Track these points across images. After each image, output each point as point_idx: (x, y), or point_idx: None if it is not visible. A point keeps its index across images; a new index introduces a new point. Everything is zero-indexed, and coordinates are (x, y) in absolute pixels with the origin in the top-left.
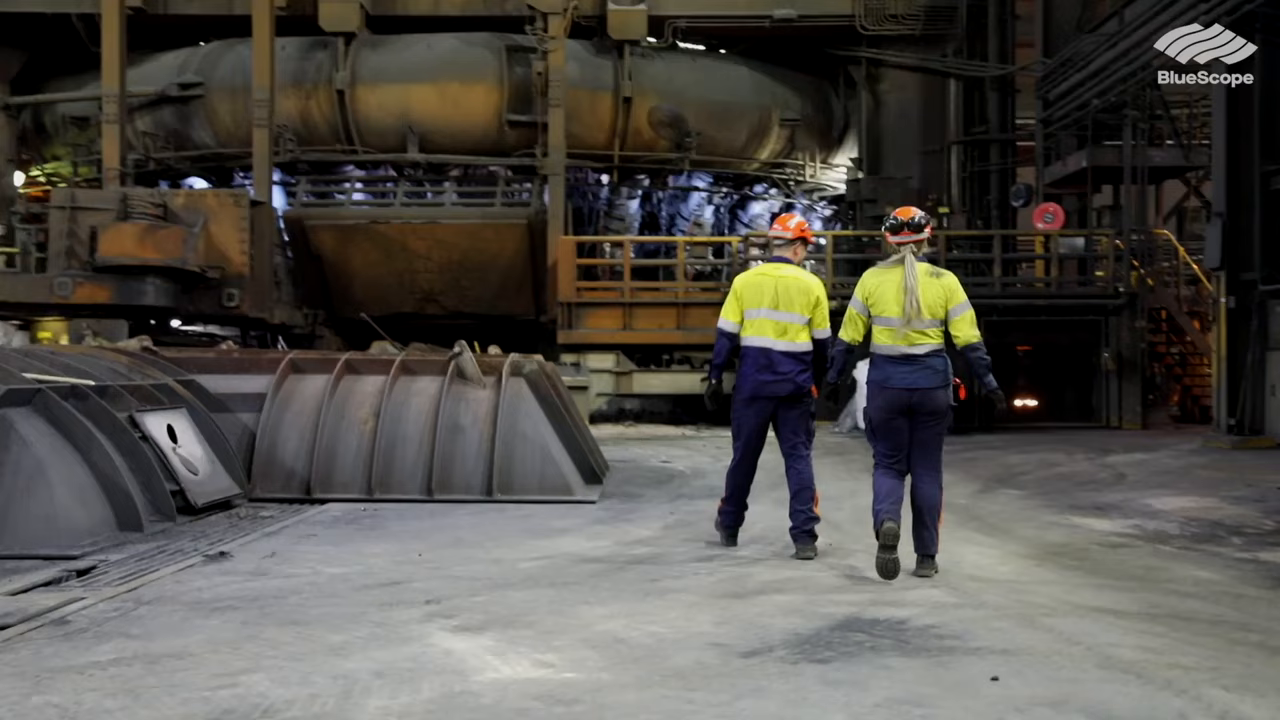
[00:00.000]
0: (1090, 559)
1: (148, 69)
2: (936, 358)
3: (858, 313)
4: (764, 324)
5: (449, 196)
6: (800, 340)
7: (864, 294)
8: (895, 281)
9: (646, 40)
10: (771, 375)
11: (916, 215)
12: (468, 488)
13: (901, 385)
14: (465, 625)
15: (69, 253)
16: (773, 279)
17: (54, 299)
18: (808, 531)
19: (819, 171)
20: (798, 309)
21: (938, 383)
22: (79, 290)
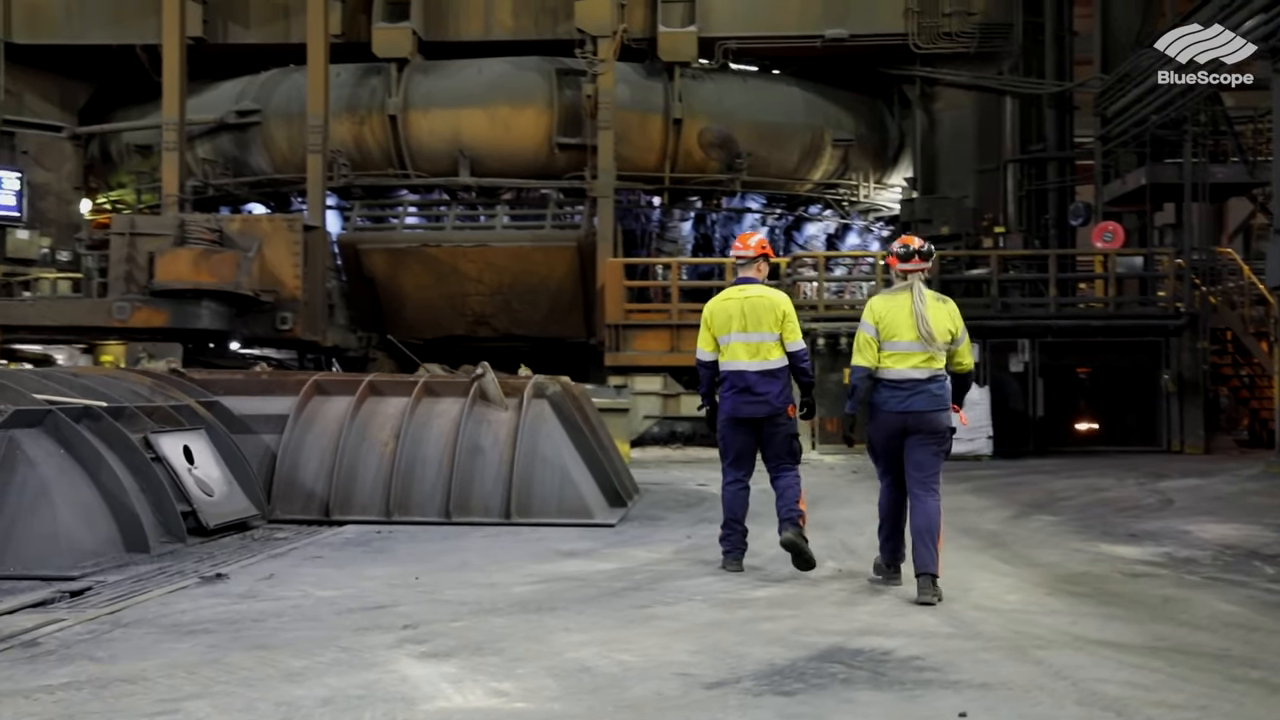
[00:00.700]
0: (1106, 588)
1: (208, 97)
2: (937, 382)
3: (870, 336)
4: (737, 348)
5: (500, 219)
6: (774, 358)
7: (874, 318)
8: (904, 307)
9: (697, 62)
10: (749, 397)
11: (923, 244)
12: (486, 510)
13: (896, 409)
14: (433, 651)
15: (128, 277)
16: (738, 301)
17: (113, 323)
18: (791, 520)
19: (873, 192)
20: (766, 327)
21: (934, 406)
22: (137, 314)
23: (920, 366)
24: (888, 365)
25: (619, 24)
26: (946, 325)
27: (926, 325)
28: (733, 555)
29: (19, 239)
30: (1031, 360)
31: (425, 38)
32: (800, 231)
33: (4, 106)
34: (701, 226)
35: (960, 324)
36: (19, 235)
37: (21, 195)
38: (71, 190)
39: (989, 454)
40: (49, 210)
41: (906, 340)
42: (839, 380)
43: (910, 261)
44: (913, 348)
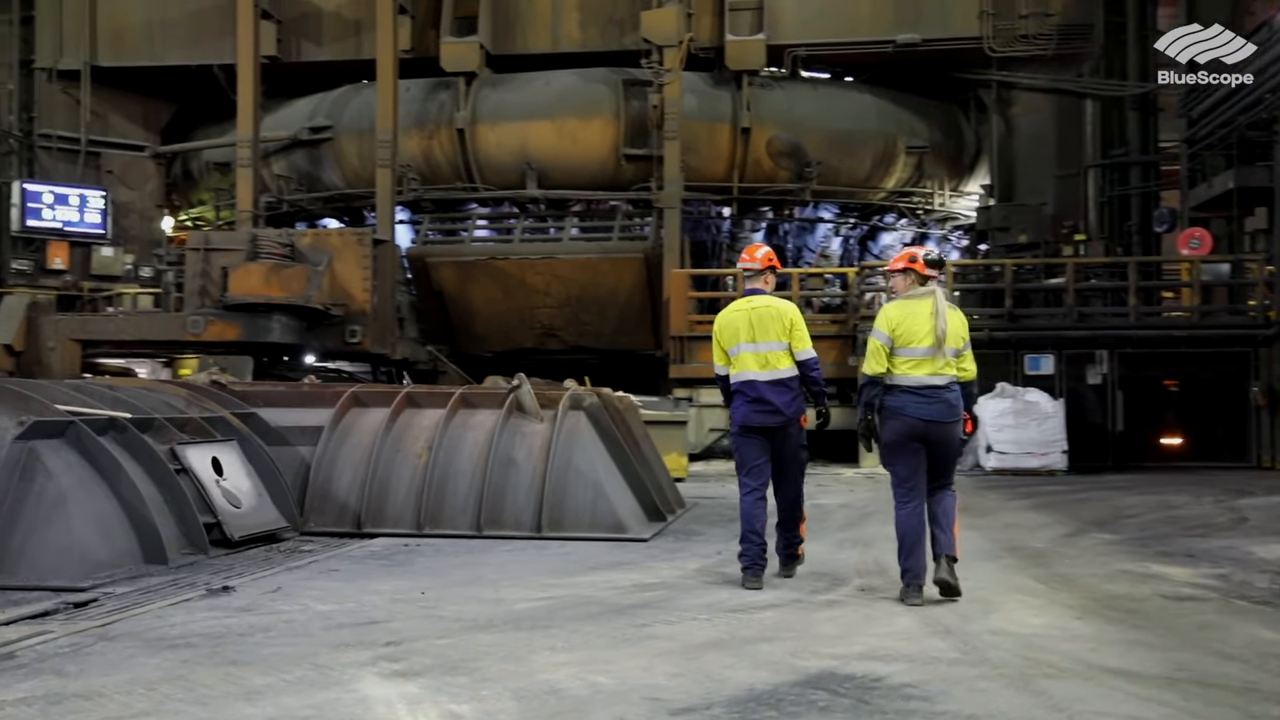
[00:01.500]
0: (1142, 613)
1: (283, 114)
2: (952, 392)
3: (882, 344)
4: (746, 359)
5: (568, 232)
6: (784, 367)
7: (889, 326)
8: (923, 312)
9: (765, 70)
10: (760, 407)
11: (940, 254)
12: (518, 524)
13: (917, 415)
14: (405, 670)
15: (202, 292)
16: (745, 312)
17: (187, 336)
18: (791, 554)
19: (949, 200)
20: (774, 336)
21: (951, 416)
22: (210, 328)
23: (938, 373)
24: (905, 371)
25: (685, 33)
26: (960, 333)
27: (944, 329)
28: (752, 571)
29: (104, 256)
30: (1110, 372)
31: (493, 51)
32: (875, 241)
33: (90, 127)
34: (774, 237)
35: (968, 333)
36: (104, 252)
37: (106, 214)
38: (154, 208)
39: (1063, 469)
40: (132, 228)
41: (925, 346)
42: None
43: (935, 268)
44: (929, 354)
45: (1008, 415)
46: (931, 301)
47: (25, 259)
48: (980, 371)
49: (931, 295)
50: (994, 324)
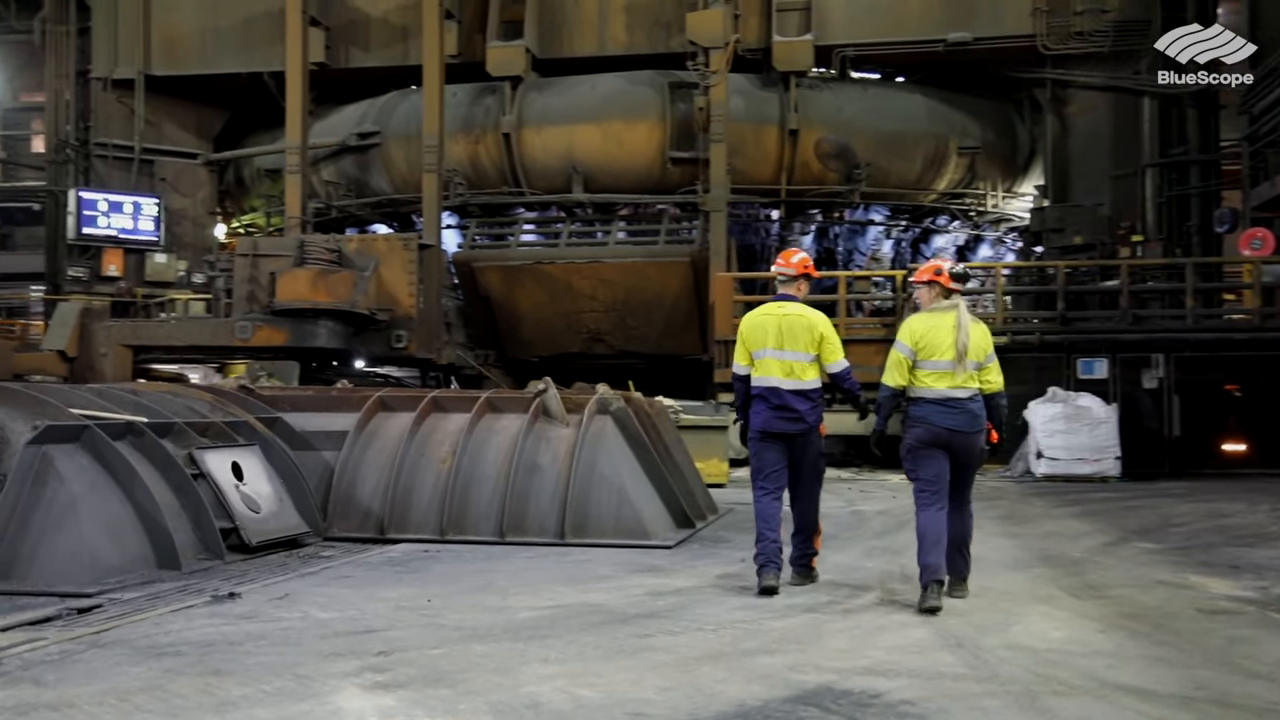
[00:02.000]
0: (1171, 626)
1: (333, 121)
2: (976, 402)
3: (905, 357)
4: (770, 364)
5: (615, 236)
6: (808, 378)
7: (912, 339)
8: (947, 325)
9: (813, 71)
10: (782, 413)
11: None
12: (541, 530)
13: (941, 425)
14: (388, 682)
15: (250, 297)
16: (775, 318)
17: (236, 342)
18: (804, 565)
19: (1002, 201)
20: (802, 347)
21: (975, 427)
22: (258, 333)
23: (961, 386)
24: (927, 384)
25: (732, 35)
26: (983, 345)
27: (965, 343)
28: (767, 570)
29: (157, 263)
30: (1166, 376)
31: (539, 55)
32: (928, 244)
33: (144, 135)
34: (824, 240)
35: (991, 344)
36: (157, 259)
37: (159, 221)
38: (206, 215)
39: (1116, 476)
40: (185, 234)
41: (946, 360)
42: None
43: (961, 282)
44: (951, 367)
45: (1059, 420)
46: (955, 315)
47: (81, 266)
48: (1031, 376)
49: (955, 309)
50: (1046, 327)
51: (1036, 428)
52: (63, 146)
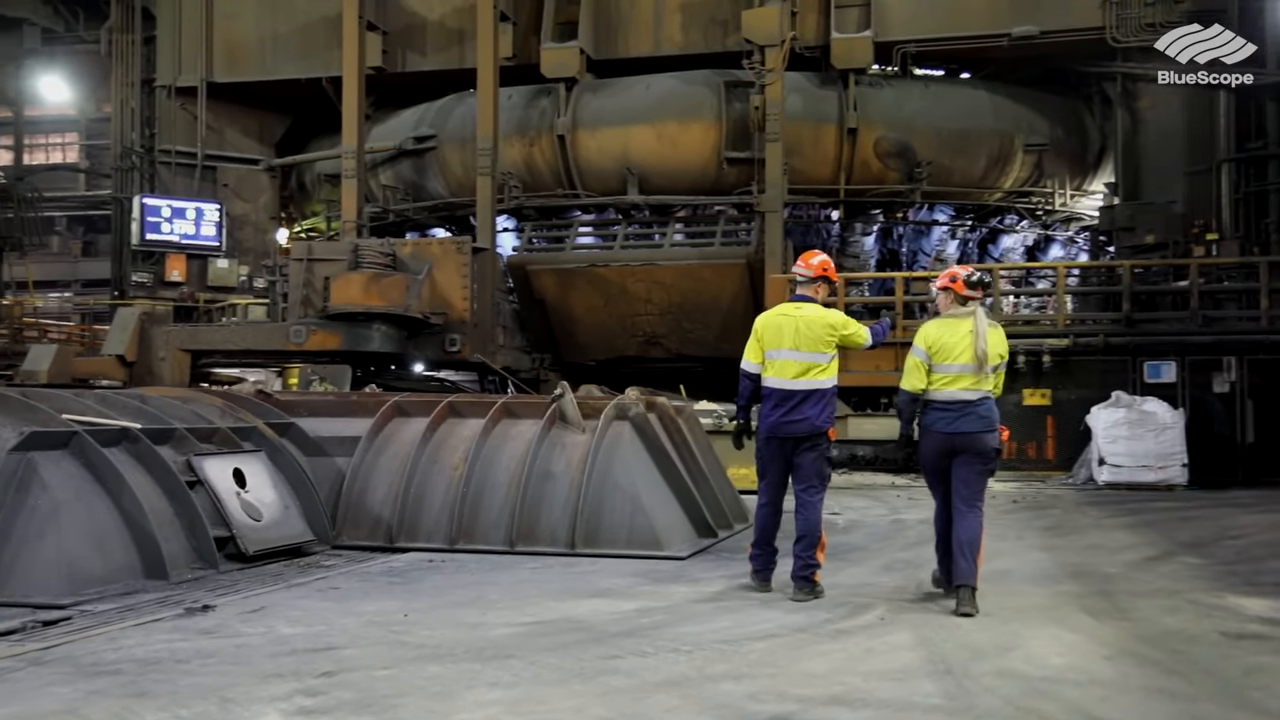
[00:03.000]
0: (1187, 653)
1: (391, 125)
2: (985, 405)
3: (921, 361)
4: (785, 365)
5: (671, 238)
6: (822, 379)
7: (926, 344)
8: (962, 330)
9: (873, 68)
10: (790, 415)
11: (983, 275)
12: (553, 539)
13: (945, 430)
14: (314, 707)
15: (305, 301)
16: (793, 319)
17: (290, 346)
18: (805, 577)
19: (1071, 199)
20: (820, 348)
21: (982, 428)
22: (312, 337)
23: (970, 389)
24: (938, 388)
25: (788, 32)
26: (999, 350)
27: (984, 349)
28: (760, 575)
29: (219, 268)
30: (1239, 380)
31: (595, 56)
32: (995, 245)
33: (207, 142)
34: (888, 241)
35: (1006, 352)
36: (219, 264)
37: (221, 226)
38: (268, 220)
39: (1183, 484)
40: (247, 240)
41: (960, 364)
42: (1017, 401)
43: (978, 289)
44: (965, 370)
45: (1122, 426)
46: (971, 322)
47: (145, 272)
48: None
49: (971, 315)
50: (1110, 329)
51: (1098, 434)
52: (128, 154)
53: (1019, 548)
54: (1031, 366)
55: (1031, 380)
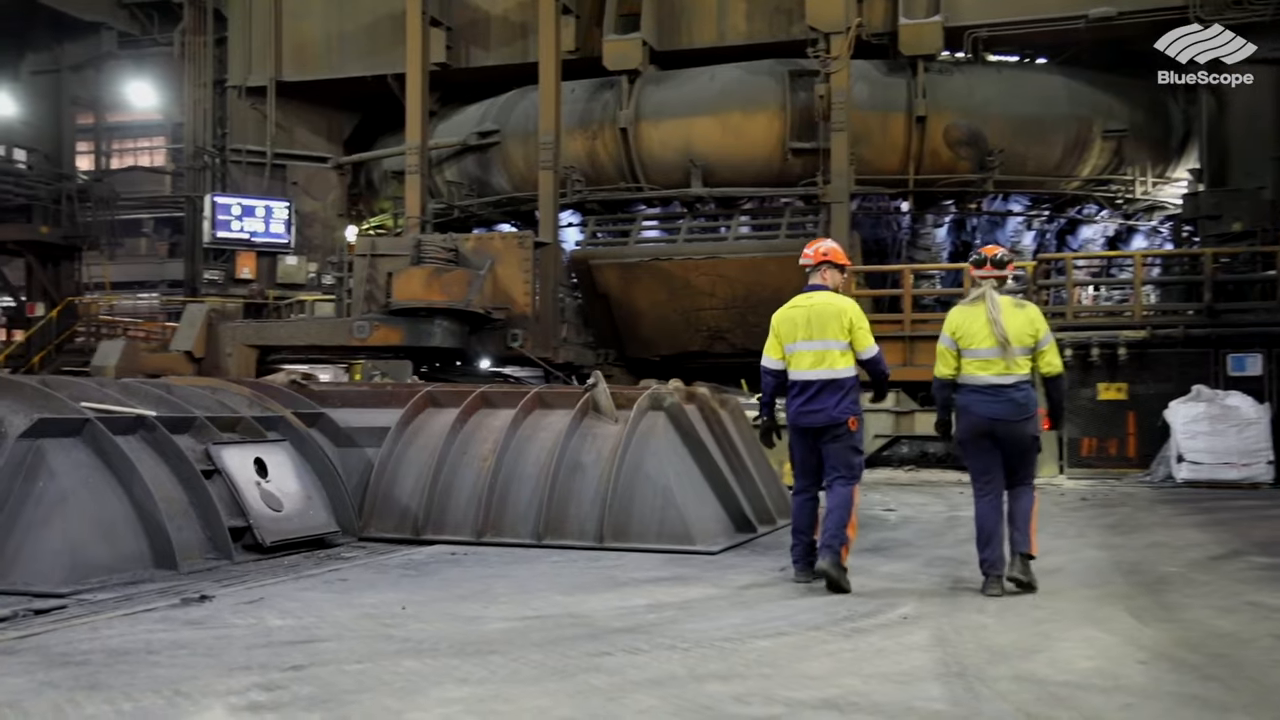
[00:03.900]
0: (1233, 658)
1: (456, 121)
2: (1020, 390)
3: (947, 348)
4: (802, 356)
5: (735, 230)
6: (839, 367)
7: (951, 330)
8: (980, 314)
9: (942, 54)
10: (810, 406)
11: (1000, 254)
12: (581, 533)
13: (982, 414)
14: (267, 703)
15: (368, 297)
16: (805, 309)
17: (353, 341)
18: (831, 546)
19: (1153, 187)
20: (831, 335)
21: (1018, 415)
22: (375, 333)
23: (1003, 373)
24: (971, 372)
25: (854, 19)
26: (1026, 330)
27: (1002, 331)
28: (799, 566)
29: (288, 265)
30: None
31: (658, 48)
32: (1075, 235)
33: (276, 140)
34: (961, 232)
35: (1043, 327)
36: (288, 261)
37: (290, 224)
38: (336, 217)
39: (1269, 482)
40: (315, 237)
41: (986, 348)
42: (1092, 396)
43: (983, 269)
44: (992, 354)
45: (1202, 421)
46: (984, 304)
47: (216, 269)
48: (1174, 374)
49: (982, 298)
50: (1190, 320)
51: (1177, 429)
52: (200, 154)
53: (1075, 545)
54: (1106, 360)
55: (1106, 374)
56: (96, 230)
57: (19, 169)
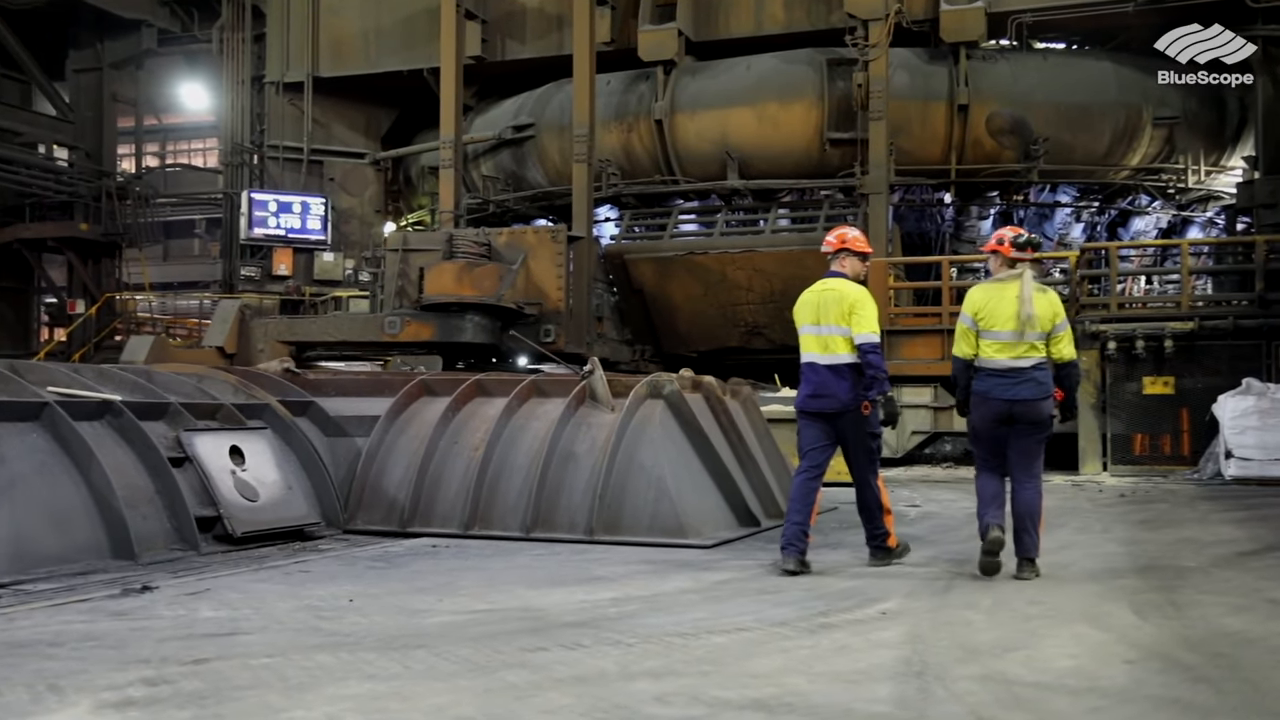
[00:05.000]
0: (1232, 658)
1: (492, 115)
2: (1041, 370)
3: (968, 328)
4: (810, 340)
5: (772, 223)
6: (843, 353)
7: (973, 310)
8: (1009, 296)
9: (985, 41)
10: (817, 392)
11: (1032, 236)
12: (571, 526)
13: (1003, 397)
14: (140, 699)
15: (400, 292)
16: (818, 294)
17: (384, 337)
18: (877, 545)
19: (1207, 176)
20: (834, 320)
21: (1039, 394)
22: (407, 329)
23: (1024, 355)
24: (990, 355)
25: (893, 4)
26: (1049, 314)
27: (1030, 313)
28: (786, 552)
29: (325, 261)
30: None
31: (694, 38)
32: (1126, 227)
33: (314, 136)
34: (1007, 225)
35: (1061, 312)
36: (325, 258)
37: (326, 220)
38: (373, 213)
39: None
40: (352, 233)
41: (1009, 330)
42: (1137, 390)
43: (1025, 251)
44: (1014, 337)
45: (1251, 415)
46: (1018, 285)
47: (253, 265)
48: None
49: (1018, 279)
50: (1241, 311)
51: (1225, 424)
52: (239, 150)
53: (1097, 540)
54: (1152, 353)
55: (1152, 367)
56: (136, 228)
57: (59, 166)
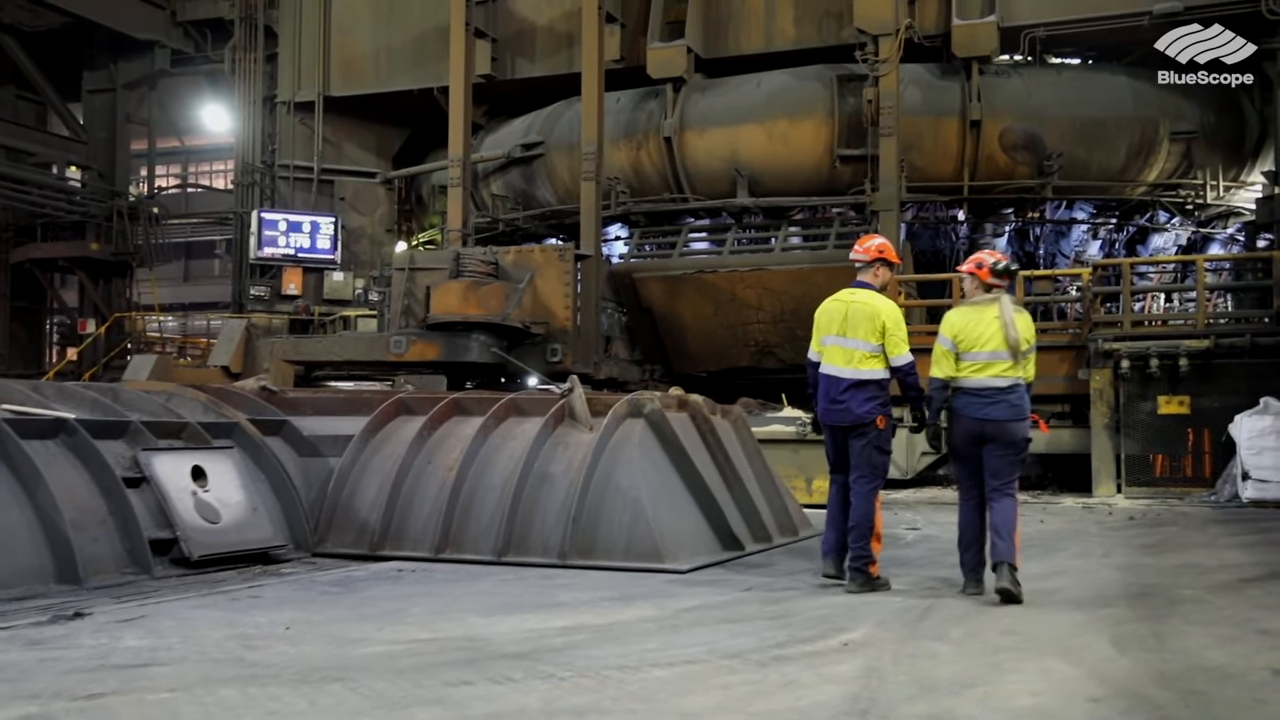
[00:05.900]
0: (1208, 696)
1: (502, 134)
2: (1015, 392)
3: (947, 350)
4: (834, 351)
5: (783, 241)
6: (868, 368)
7: (952, 332)
8: (988, 318)
9: (997, 56)
10: (835, 403)
11: (1009, 263)
12: (545, 549)
13: (976, 416)
14: None
15: (407, 311)
16: (844, 304)
17: (390, 357)
18: (858, 569)
19: (1226, 192)
20: (862, 335)
21: (1012, 415)
22: (412, 348)
23: (1001, 375)
24: (967, 375)
25: (904, 20)
26: (1028, 335)
27: (1015, 335)
28: (829, 559)
29: (334, 281)
30: None
31: (704, 55)
32: (1145, 244)
33: (325, 156)
34: (1024, 243)
35: (1034, 335)
36: (335, 277)
37: (336, 239)
38: (384, 233)
39: None
40: (363, 253)
41: (988, 351)
42: (1152, 410)
43: (1003, 277)
44: (994, 358)
45: (1269, 435)
46: (996, 308)
47: (263, 285)
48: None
49: (995, 302)
50: (1258, 328)
51: (1242, 444)
52: (250, 170)
53: (1093, 566)
54: (1166, 372)
55: (1167, 386)
56: (148, 248)
57: (71, 186)
